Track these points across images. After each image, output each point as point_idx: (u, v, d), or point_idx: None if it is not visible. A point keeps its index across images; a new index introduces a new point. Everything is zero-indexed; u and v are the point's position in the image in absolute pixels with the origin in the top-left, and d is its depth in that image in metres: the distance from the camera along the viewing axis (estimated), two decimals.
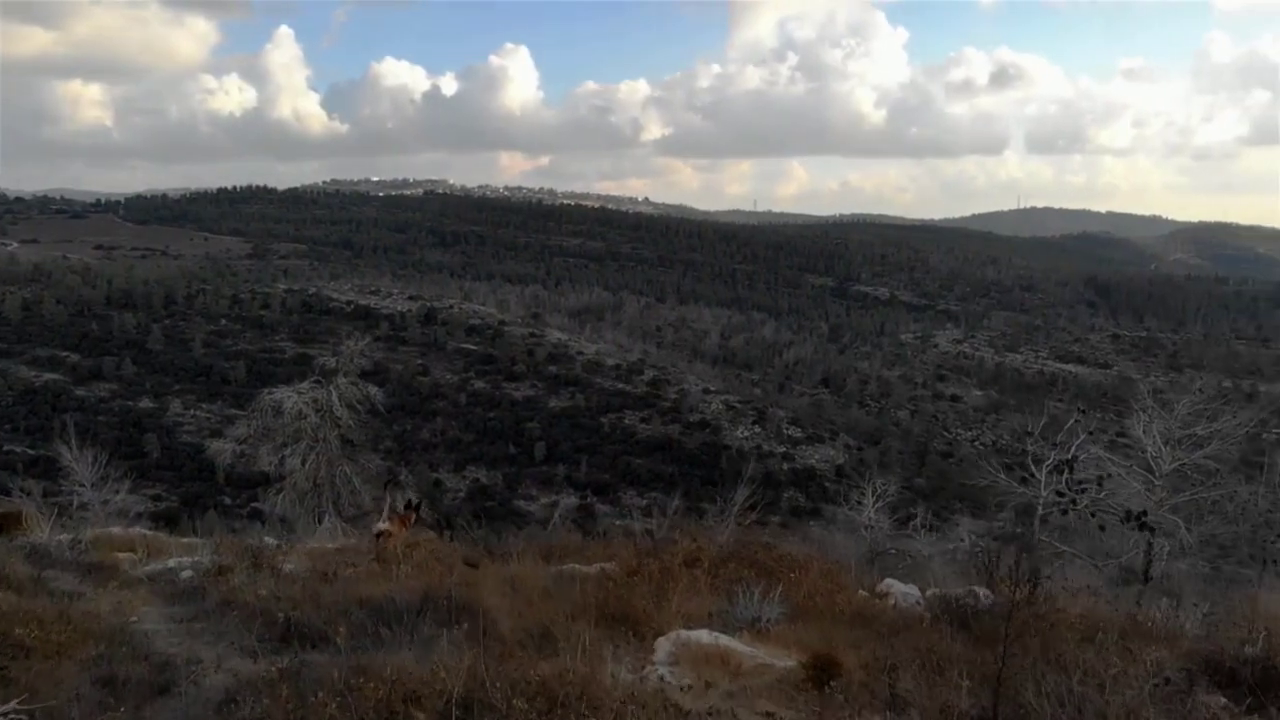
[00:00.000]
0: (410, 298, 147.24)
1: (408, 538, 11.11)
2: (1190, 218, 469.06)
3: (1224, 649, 7.39)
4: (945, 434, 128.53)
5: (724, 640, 7.41)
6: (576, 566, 10.41)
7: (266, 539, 12.09)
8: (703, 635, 7.44)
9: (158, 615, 8.46)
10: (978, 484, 18.43)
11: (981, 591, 9.80)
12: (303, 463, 19.40)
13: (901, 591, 10.35)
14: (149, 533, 13.00)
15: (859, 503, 19.42)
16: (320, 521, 18.88)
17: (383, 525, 10.46)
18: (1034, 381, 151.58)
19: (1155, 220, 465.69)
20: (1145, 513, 13.42)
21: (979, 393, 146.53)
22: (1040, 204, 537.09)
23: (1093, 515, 14.08)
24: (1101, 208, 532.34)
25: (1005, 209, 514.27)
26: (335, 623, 7.26)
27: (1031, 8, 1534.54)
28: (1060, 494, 13.11)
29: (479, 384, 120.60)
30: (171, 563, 10.10)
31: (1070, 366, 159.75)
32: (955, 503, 73.70)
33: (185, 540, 12.53)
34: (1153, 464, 16.36)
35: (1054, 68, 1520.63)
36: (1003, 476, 15.16)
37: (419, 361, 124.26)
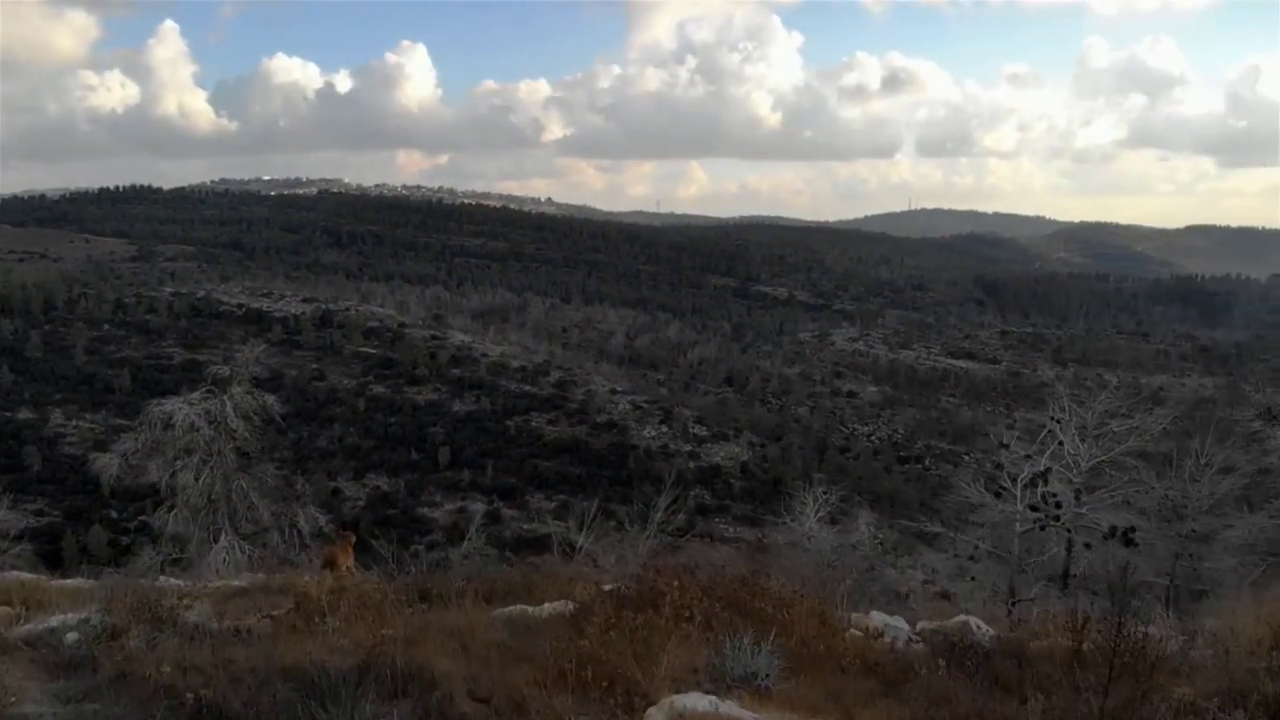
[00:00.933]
0: (305, 300, 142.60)
1: (334, 580, 9.93)
2: (1072, 218, 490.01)
3: (1254, 683, 6.84)
4: (843, 429, 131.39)
5: (725, 709, 6.43)
6: (526, 609, 9.35)
7: (165, 580, 10.68)
8: (700, 702, 6.45)
9: (40, 693, 7.02)
10: (954, 498, 18.03)
11: (974, 622, 9.16)
12: (196, 478, 17.97)
13: (891, 627, 9.60)
14: (26, 578, 11.36)
15: (800, 513, 18.82)
16: (216, 540, 17.69)
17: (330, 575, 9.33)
18: (927, 377, 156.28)
19: (1039, 220, 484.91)
20: (1133, 528, 13.00)
21: (874, 389, 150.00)
22: (930, 205, 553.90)
23: (1069, 531, 13.60)
24: (988, 208, 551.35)
25: (897, 210, 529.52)
26: (256, 702, 6.09)
27: (921, 13, 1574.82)
28: (1034, 508, 12.59)
29: (379, 388, 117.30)
30: (55, 621, 8.62)
31: (961, 362, 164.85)
32: (854, 496, 74.88)
33: (71, 585, 10.96)
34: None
35: (943, 73, 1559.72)
36: (970, 486, 14.65)
37: (314, 366, 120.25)
